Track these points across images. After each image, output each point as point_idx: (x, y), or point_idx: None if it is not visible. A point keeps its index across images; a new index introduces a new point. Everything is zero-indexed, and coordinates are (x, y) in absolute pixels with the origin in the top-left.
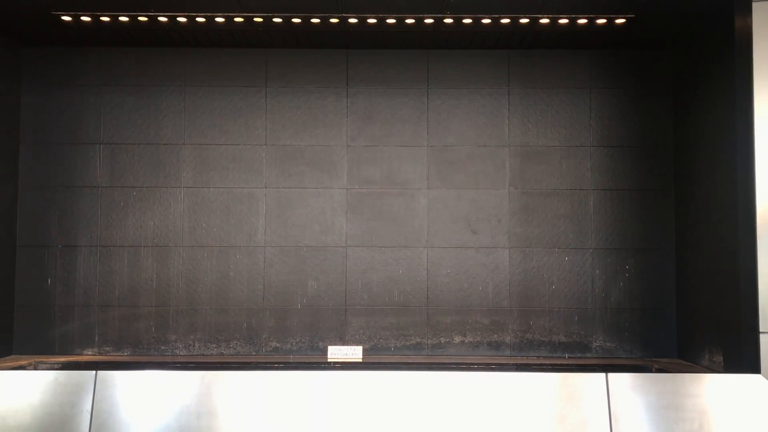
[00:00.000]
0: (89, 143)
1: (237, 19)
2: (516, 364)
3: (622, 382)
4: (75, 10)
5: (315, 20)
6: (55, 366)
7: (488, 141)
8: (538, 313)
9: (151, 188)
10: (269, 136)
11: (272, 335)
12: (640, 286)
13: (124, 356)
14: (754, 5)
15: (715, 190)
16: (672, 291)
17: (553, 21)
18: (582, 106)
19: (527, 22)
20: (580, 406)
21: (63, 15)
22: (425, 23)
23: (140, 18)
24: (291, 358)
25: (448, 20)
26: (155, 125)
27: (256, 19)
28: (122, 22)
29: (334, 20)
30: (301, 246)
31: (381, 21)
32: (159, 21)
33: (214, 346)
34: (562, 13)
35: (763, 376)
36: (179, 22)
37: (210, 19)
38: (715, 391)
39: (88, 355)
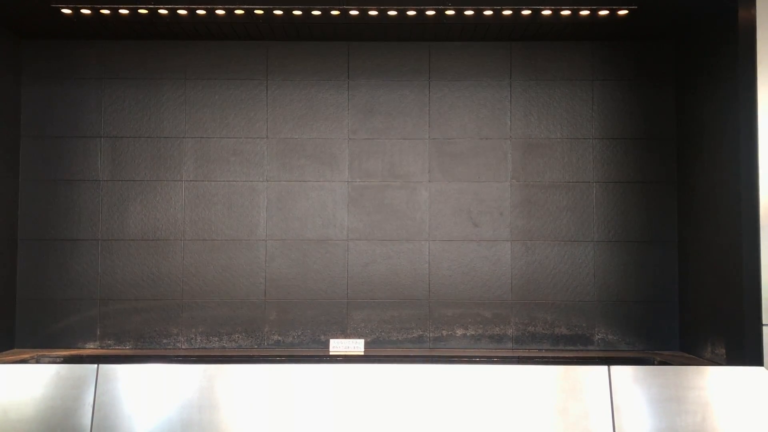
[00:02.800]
0: (90, 136)
1: (237, 11)
2: (518, 357)
3: (624, 374)
4: (75, 3)
5: (316, 12)
6: (57, 359)
7: (490, 133)
8: (540, 306)
9: (152, 181)
10: (270, 129)
11: (274, 328)
12: (643, 279)
13: (126, 350)
14: None
15: (718, 181)
16: (674, 283)
17: (556, 12)
18: (584, 98)
19: (529, 14)
20: (582, 398)
21: (63, 8)
22: (427, 15)
23: (140, 10)
24: (293, 351)
25: (450, 12)
26: (156, 118)
27: (256, 11)
28: (122, 14)
29: (335, 12)
30: (302, 239)
31: (382, 13)
32: (159, 13)
33: (216, 339)
34: (565, 4)
35: (766, 368)
36: (179, 14)
37: (210, 12)
38: (717, 384)
39: (90, 349)
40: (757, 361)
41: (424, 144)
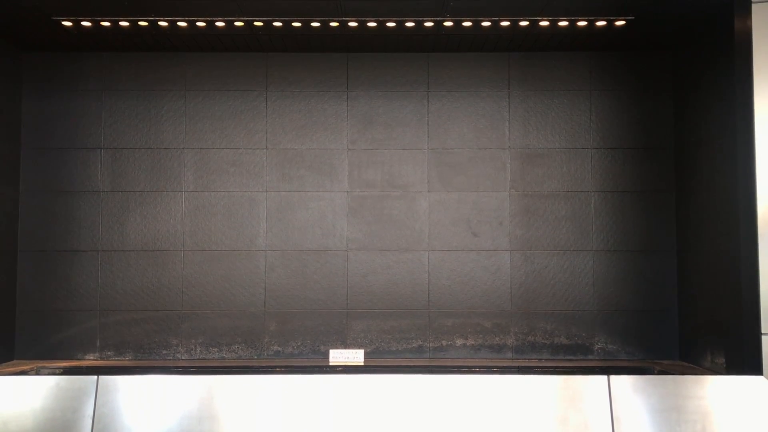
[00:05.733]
0: (90, 148)
1: (237, 23)
2: (518, 367)
3: (624, 384)
4: (75, 16)
5: (315, 24)
6: (57, 371)
7: (489, 143)
8: (540, 316)
9: (152, 192)
10: (270, 140)
11: (274, 339)
12: (642, 288)
13: (126, 361)
14: (754, 6)
15: (717, 191)
16: (674, 292)
17: (553, 23)
18: (582, 108)
19: (527, 25)
20: (582, 408)
21: (63, 20)
22: (425, 26)
23: (141, 23)
24: (293, 362)
25: (448, 23)
26: (156, 129)
27: (256, 23)
28: (122, 27)
29: (334, 24)
30: (302, 249)
31: (381, 24)
32: (159, 25)
33: (216, 350)
34: (562, 15)
35: (766, 377)
36: (179, 26)
37: (210, 24)
38: (717, 393)
39: (89, 360)
40: (757, 370)
41: (423, 154)
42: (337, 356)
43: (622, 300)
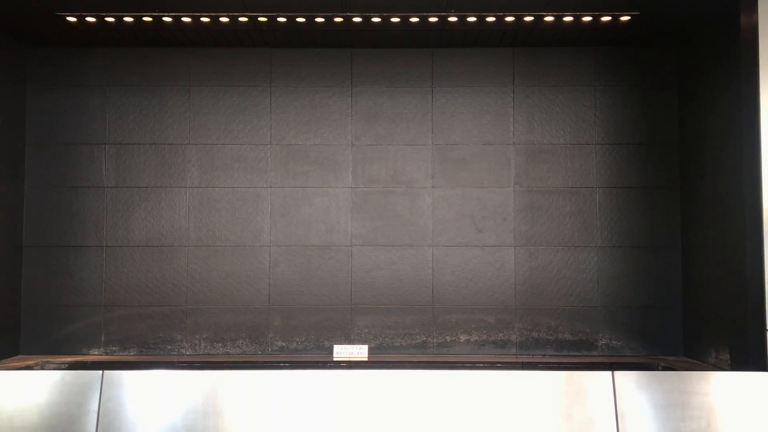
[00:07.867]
0: (94, 143)
1: (241, 19)
2: (522, 363)
3: (629, 380)
4: (80, 11)
5: (319, 19)
6: (62, 366)
7: (493, 139)
8: (544, 312)
9: (157, 188)
10: (274, 136)
11: (278, 334)
12: (647, 284)
13: (131, 356)
14: (760, 1)
15: (722, 187)
16: (678, 288)
17: (558, 19)
18: (587, 104)
19: (532, 20)
20: (586, 404)
21: (68, 16)
22: (430, 22)
23: (145, 18)
24: (297, 357)
25: (453, 18)
26: (160, 125)
27: (260, 19)
28: (127, 22)
29: (338, 19)
30: (306, 245)
31: (385, 20)
32: (163, 21)
33: (220, 345)
34: (567, 10)
35: None
36: (184, 22)
37: (214, 19)
38: (721, 389)
39: (94, 355)
40: (761, 366)
41: (427, 150)
42: (341, 352)
43: (627, 296)
